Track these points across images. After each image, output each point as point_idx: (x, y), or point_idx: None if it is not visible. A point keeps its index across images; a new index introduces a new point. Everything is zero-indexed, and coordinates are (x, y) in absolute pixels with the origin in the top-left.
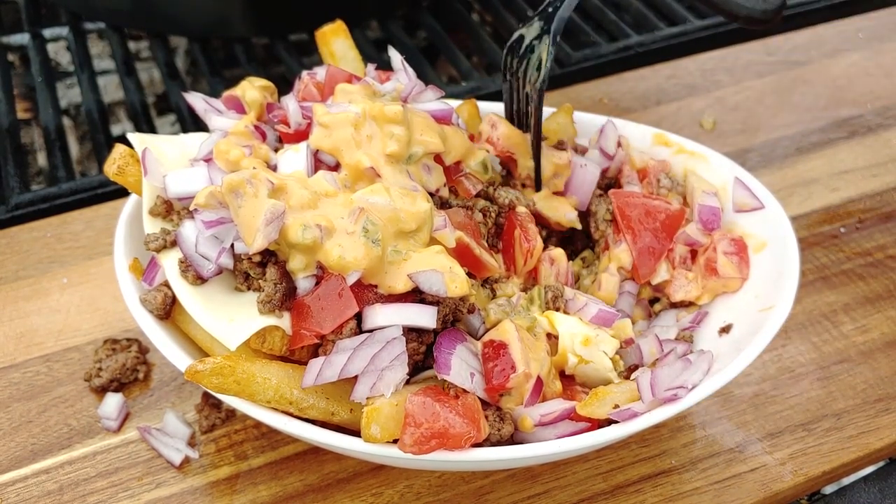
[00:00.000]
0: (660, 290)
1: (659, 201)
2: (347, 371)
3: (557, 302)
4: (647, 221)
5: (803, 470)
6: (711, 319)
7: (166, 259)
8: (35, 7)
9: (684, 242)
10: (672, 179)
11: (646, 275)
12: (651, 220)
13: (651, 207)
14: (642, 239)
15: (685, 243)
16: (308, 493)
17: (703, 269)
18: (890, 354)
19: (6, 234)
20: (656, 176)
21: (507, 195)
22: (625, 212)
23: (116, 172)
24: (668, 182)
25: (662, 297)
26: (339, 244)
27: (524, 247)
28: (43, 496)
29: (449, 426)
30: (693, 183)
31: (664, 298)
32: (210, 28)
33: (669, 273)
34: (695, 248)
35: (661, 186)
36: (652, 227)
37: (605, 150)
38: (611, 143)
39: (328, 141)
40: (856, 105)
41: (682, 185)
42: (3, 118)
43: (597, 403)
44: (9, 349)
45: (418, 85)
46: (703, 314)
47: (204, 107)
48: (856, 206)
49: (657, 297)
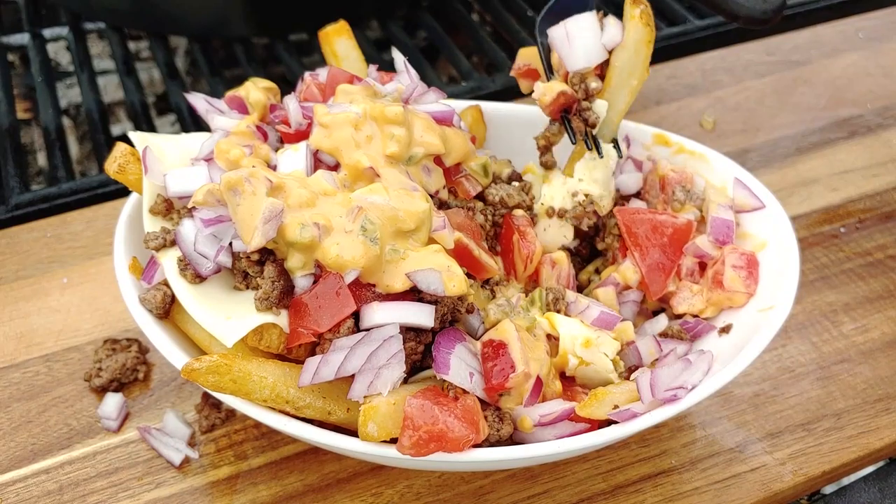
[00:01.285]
0: (664, 300)
1: (665, 216)
2: (344, 369)
3: (558, 304)
4: (654, 237)
5: (803, 470)
6: (711, 320)
7: (165, 258)
8: (35, 7)
9: (694, 254)
10: (688, 192)
11: (657, 292)
12: (658, 236)
13: (658, 223)
14: (651, 256)
15: (695, 255)
16: (308, 492)
17: (710, 282)
18: (890, 354)
19: (6, 233)
20: (672, 188)
21: (498, 192)
22: (631, 229)
23: (117, 171)
24: (683, 195)
25: (667, 308)
26: (338, 242)
27: (523, 252)
28: (43, 496)
29: (448, 429)
30: (710, 195)
31: (668, 309)
32: (210, 28)
33: (675, 284)
34: (704, 261)
35: (674, 199)
36: (660, 242)
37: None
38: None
39: (328, 141)
40: (856, 105)
41: (701, 197)
42: (3, 118)
43: (596, 404)
44: (9, 349)
45: (420, 86)
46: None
47: (205, 107)
48: (856, 206)
49: (662, 307)
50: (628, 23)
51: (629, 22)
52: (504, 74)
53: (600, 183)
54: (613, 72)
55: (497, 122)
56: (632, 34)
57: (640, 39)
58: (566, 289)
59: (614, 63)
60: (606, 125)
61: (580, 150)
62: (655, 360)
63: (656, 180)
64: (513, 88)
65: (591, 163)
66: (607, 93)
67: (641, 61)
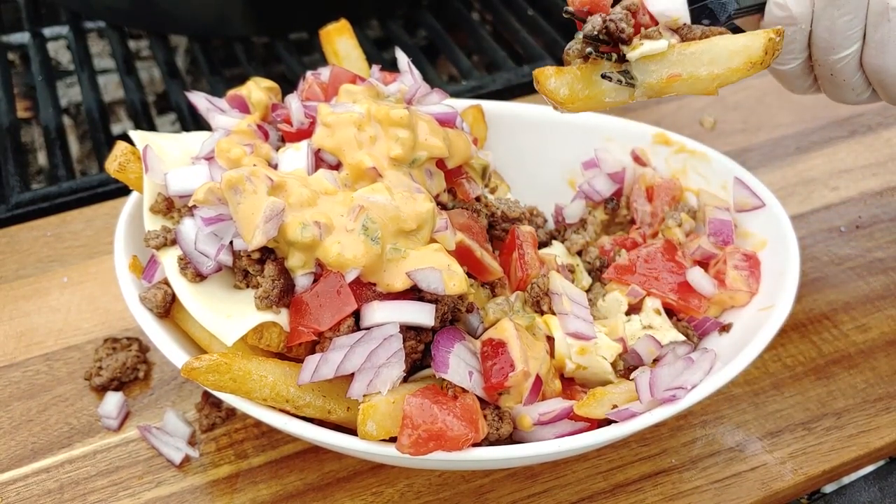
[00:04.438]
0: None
1: (643, 244)
2: (344, 368)
3: (541, 304)
4: (655, 265)
5: (803, 469)
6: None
7: (166, 256)
8: (35, 6)
9: (699, 256)
10: (676, 212)
11: (697, 305)
12: (655, 261)
13: (649, 254)
14: (666, 282)
15: (699, 256)
16: (308, 491)
17: None
18: (890, 353)
19: (6, 233)
20: (662, 208)
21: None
22: (635, 273)
23: (117, 169)
24: (674, 221)
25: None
26: (339, 241)
27: (518, 274)
28: (43, 495)
29: (447, 428)
30: (705, 199)
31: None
32: (210, 27)
33: None
34: (706, 262)
35: (666, 226)
36: (665, 266)
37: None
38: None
39: (331, 140)
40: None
41: (694, 209)
42: (4, 117)
43: (595, 404)
44: (9, 348)
45: (423, 87)
46: None
47: (206, 106)
48: (856, 206)
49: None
50: (749, 31)
51: (751, 31)
52: (504, 73)
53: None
54: (686, 48)
55: (498, 122)
56: (743, 39)
57: (748, 47)
58: (556, 273)
59: (697, 44)
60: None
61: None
62: (655, 358)
63: (642, 189)
64: (513, 87)
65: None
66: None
67: (724, 66)
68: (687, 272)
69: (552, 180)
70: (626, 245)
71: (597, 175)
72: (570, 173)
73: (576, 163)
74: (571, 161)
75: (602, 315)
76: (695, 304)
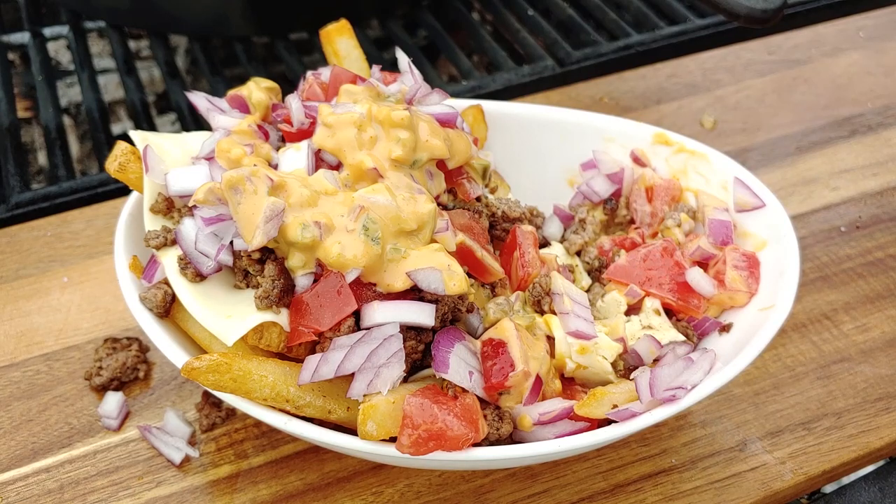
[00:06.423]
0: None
1: (642, 244)
2: (344, 368)
3: (542, 304)
4: (654, 265)
5: (803, 469)
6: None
7: (166, 256)
8: (35, 6)
9: (698, 256)
10: (675, 213)
11: (697, 305)
12: (654, 261)
13: (647, 254)
14: (665, 282)
15: (699, 257)
16: (308, 491)
17: None
18: (890, 353)
19: (6, 233)
20: (661, 208)
21: (500, 205)
22: (631, 275)
23: (118, 169)
24: (673, 221)
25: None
26: (339, 242)
27: (519, 273)
28: (43, 495)
29: (447, 428)
30: (704, 200)
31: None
32: (210, 27)
33: None
34: (705, 262)
35: (665, 227)
36: (664, 266)
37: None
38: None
39: (331, 141)
40: (856, 104)
41: (694, 210)
42: (4, 117)
43: (595, 404)
44: (9, 348)
45: (423, 87)
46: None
47: (207, 106)
48: (856, 206)
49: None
50: None
51: None
52: (504, 73)
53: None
54: None
55: (498, 122)
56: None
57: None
58: (557, 273)
59: None
60: None
61: None
62: (656, 358)
63: (642, 190)
64: (513, 87)
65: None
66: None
67: None
68: (686, 272)
69: (552, 180)
70: (625, 245)
71: (595, 176)
72: (570, 173)
73: (576, 163)
74: (571, 161)
75: (601, 315)
76: (694, 305)
